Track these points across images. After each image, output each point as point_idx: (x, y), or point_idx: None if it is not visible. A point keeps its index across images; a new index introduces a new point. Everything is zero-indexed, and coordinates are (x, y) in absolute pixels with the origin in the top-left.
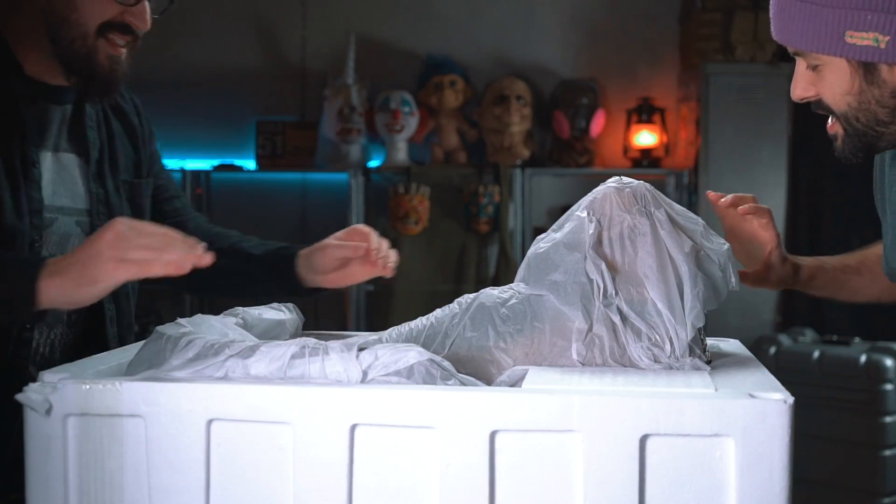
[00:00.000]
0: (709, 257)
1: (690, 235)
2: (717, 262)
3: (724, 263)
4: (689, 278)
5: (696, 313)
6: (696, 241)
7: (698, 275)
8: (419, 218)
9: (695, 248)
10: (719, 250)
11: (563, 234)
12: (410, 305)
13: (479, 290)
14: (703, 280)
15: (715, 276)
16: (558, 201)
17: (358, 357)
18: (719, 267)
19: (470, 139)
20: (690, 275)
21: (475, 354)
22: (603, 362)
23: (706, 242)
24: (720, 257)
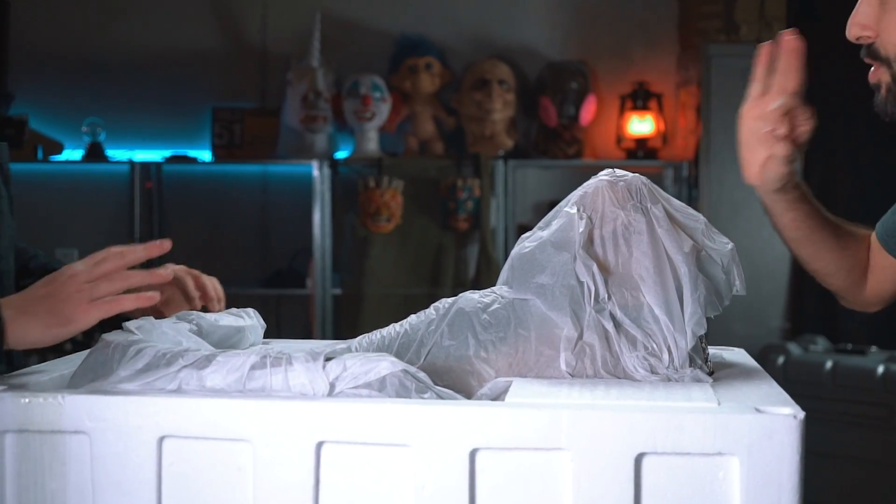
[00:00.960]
0: (711, 258)
1: (691, 234)
2: (720, 264)
3: (727, 265)
4: (689, 281)
5: (696, 319)
6: (696, 240)
7: (699, 277)
8: (391, 214)
9: (695, 248)
10: (722, 250)
11: (550, 233)
12: (382, 311)
13: (457, 294)
14: (704, 283)
15: (717, 279)
16: (545, 196)
17: (324, 368)
18: (722, 269)
19: (447, 128)
20: (691, 277)
21: (453, 365)
22: (594, 373)
23: (708, 242)
24: (723, 258)
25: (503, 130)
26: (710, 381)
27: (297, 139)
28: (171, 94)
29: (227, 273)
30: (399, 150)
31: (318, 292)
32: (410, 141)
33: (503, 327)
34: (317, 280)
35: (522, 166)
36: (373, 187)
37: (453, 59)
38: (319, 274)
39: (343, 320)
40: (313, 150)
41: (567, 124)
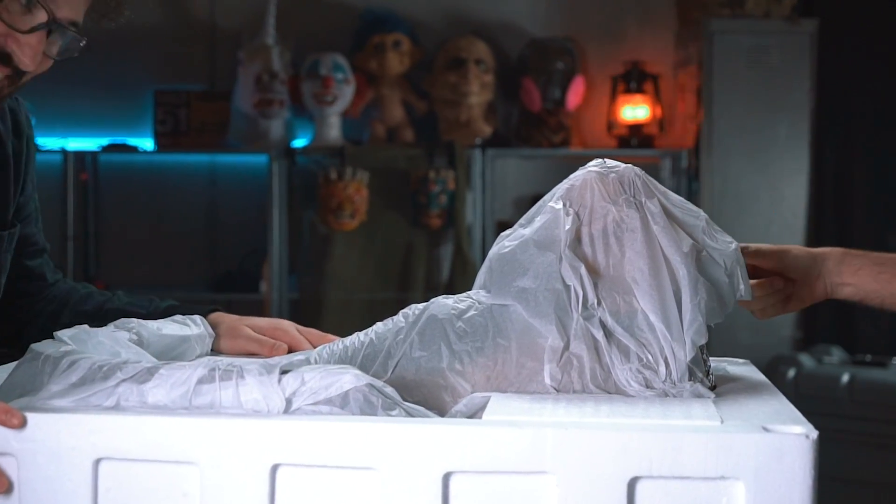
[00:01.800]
0: (713, 259)
1: (690, 232)
2: (723, 265)
3: (731, 267)
4: (688, 284)
5: (696, 328)
6: (696, 238)
7: (700, 280)
8: (356, 210)
9: (695, 248)
10: (725, 251)
11: (532, 231)
12: (345, 318)
13: (429, 299)
14: (705, 287)
15: (720, 283)
16: (527, 190)
17: (280, 382)
18: (725, 271)
19: (418, 113)
20: (690, 280)
21: (425, 378)
22: (582, 388)
23: (709, 241)
24: (726, 259)
25: (480, 116)
26: (712, 396)
27: (249, 126)
28: (108, 75)
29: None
30: (364, 138)
31: (272, 297)
32: (377, 128)
33: (480, 336)
34: (271, 283)
35: (502, 156)
36: (334, 180)
37: (425, 36)
38: (275, 276)
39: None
40: (268, 137)
41: (552, 109)
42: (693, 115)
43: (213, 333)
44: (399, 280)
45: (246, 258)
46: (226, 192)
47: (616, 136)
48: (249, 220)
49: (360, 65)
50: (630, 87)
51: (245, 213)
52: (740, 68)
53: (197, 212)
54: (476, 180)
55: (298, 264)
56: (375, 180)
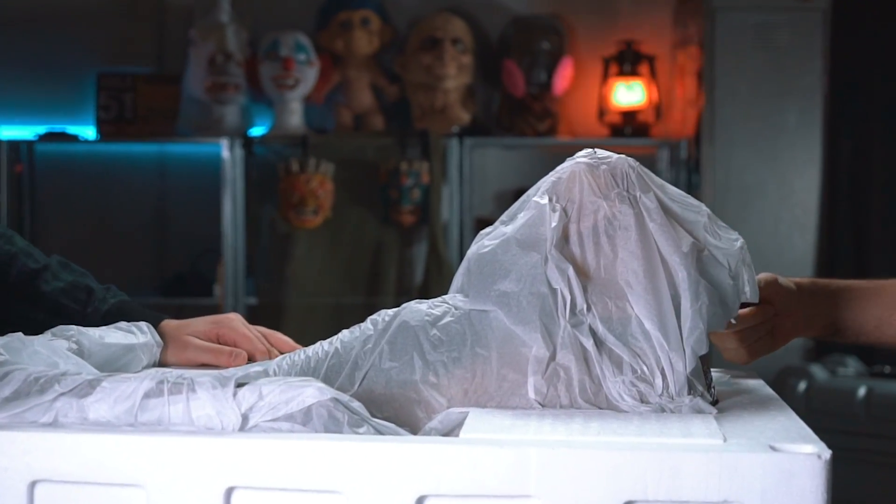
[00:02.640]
0: (715, 259)
1: (690, 229)
2: (727, 266)
3: (735, 267)
4: (688, 288)
5: (697, 336)
6: (697, 236)
7: (701, 283)
8: (319, 205)
9: (696, 247)
10: (730, 249)
11: (515, 228)
12: (308, 325)
13: (401, 304)
14: (707, 290)
15: (723, 285)
16: (510, 183)
17: (235, 396)
18: (730, 272)
19: (389, 98)
20: (690, 283)
21: (396, 392)
22: (570, 402)
23: (712, 238)
24: (731, 258)
25: (458, 102)
26: (714, 412)
27: (201, 112)
28: (45, 56)
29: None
30: (329, 126)
31: (228, 302)
32: (343, 114)
33: (457, 346)
34: (226, 287)
35: (482, 146)
36: (296, 172)
37: (396, 13)
38: (230, 280)
39: None
40: (222, 125)
41: (537, 94)
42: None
43: (161, 342)
44: (367, 283)
45: (198, 259)
46: (176, 185)
47: (608, 123)
48: (202, 216)
49: (324, 45)
50: (623, 69)
51: (197, 210)
52: (746, 48)
53: (144, 208)
54: (453, 173)
55: (256, 266)
56: (341, 173)
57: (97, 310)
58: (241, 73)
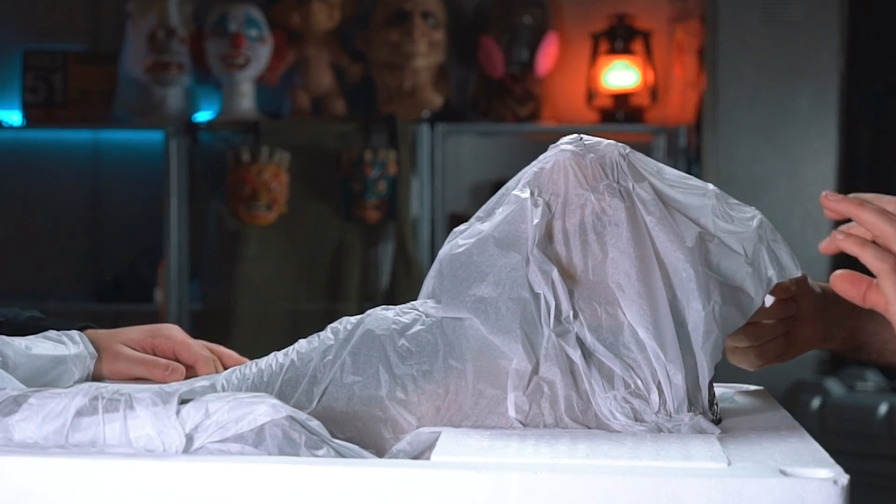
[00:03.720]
0: (728, 248)
1: (696, 216)
2: (742, 252)
3: (753, 252)
4: (696, 287)
5: (714, 341)
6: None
7: (712, 280)
8: (273, 200)
9: (703, 238)
10: (744, 233)
11: (493, 226)
12: (260, 333)
13: (365, 311)
14: (720, 287)
15: (740, 276)
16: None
17: (179, 414)
18: (746, 259)
19: (351, 79)
20: (699, 282)
21: (359, 409)
22: (555, 421)
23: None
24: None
25: (429, 83)
26: (718, 431)
27: (141, 95)
28: None
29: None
30: (284, 111)
31: (170, 308)
32: (300, 97)
33: (428, 357)
34: (169, 291)
35: (456, 133)
36: (247, 162)
37: None
38: (172, 283)
39: None
40: (164, 109)
41: (518, 75)
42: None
43: (95, 353)
44: (327, 287)
45: (137, 260)
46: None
47: (597, 108)
48: (141, 212)
49: (278, 19)
50: (615, 46)
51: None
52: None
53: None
54: (423, 163)
55: (202, 267)
56: (298, 163)
57: (17, 317)
58: (184, 50)
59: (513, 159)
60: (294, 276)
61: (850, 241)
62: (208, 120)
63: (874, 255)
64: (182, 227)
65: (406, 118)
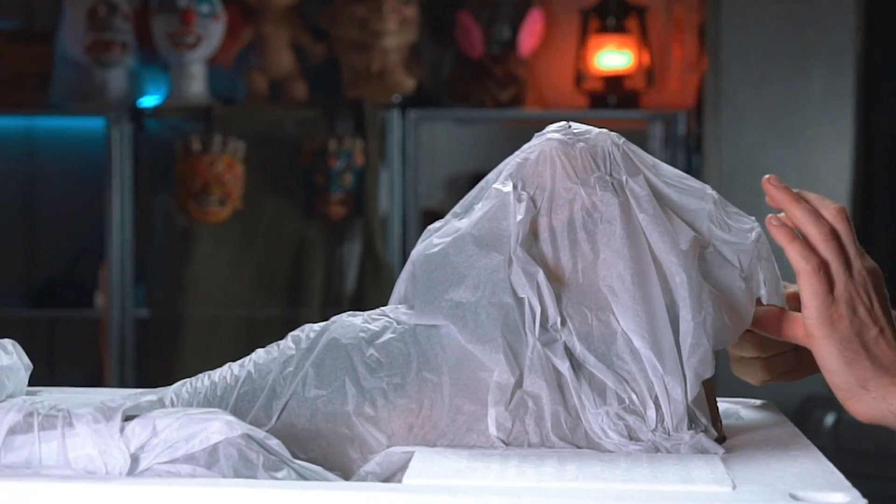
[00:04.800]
0: (723, 257)
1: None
2: (738, 265)
3: (748, 266)
4: (688, 296)
5: (701, 355)
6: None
7: (705, 289)
8: (227, 194)
9: (698, 243)
10: (742, 244)
11: (472, 223)
12: (213, 342)
13: (329, 318)
14: (712, 298)
15: (733, 289)
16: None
17: (123, 432)
18: (741, 272)
19: (314, 60)
20: (691, 289)
21: (323, 427)
22: (541, 440)
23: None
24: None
25: (400, 64)
26: (721, 451)
27: (80, 78)
28: None
29: None
30: (239, 95)
31: (112, 314)
32: (256, 80)
33: (400, 369)
34: (111, 296)
35: (430, 119)
36: (198, 152)
37: None
38: (115, 286)
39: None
40: (106, 94)
41: (499, 55)
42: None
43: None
44: (287, 291)
45: (76, 261)
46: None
47: (587, 91)
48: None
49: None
50: (607, 24)
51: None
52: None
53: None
54: (393, 153)
55: (148, 270)
56: (254, 153)
57: None
58: (128, 28)
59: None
60: (250, 278)
61: (781, 231)
62: (155, 105)
63: (800, 252)
64: (125, 224)
65: (374, 103)
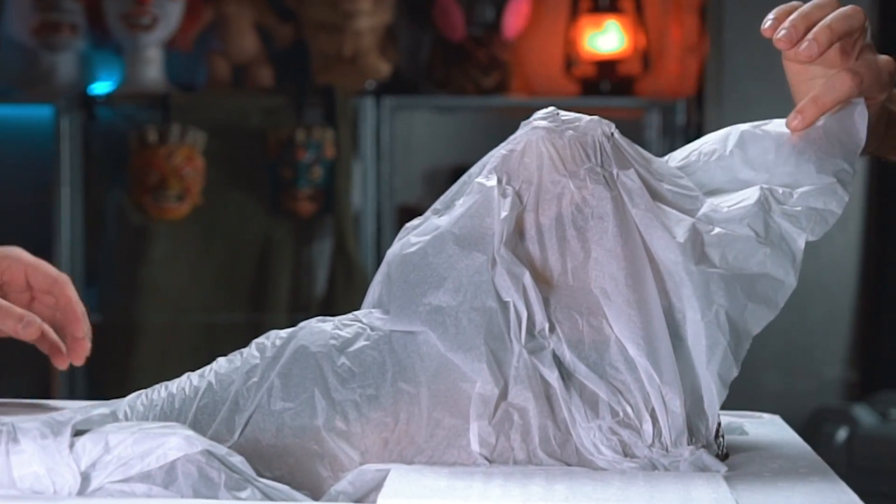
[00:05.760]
0: (730, 233)
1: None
2: (752, 233)
3: (765, 228)
4: (693, 292)
5: (721, 356)
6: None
7: (712, 278)
8: (186, 189)
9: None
10: (746, 211)
11: (452, 220)
12: (170, 350)
13: (297, 323)
14: (723, 285)
15: (754, 263)
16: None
17: (73, 448)
18: (759, 238)
19: (280, 43)
20: (694, 285)
21: (290, 443)
22: (527, 457)
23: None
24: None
25: (374, 48)
26: (724, 469)
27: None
28: None
29: None
30: (199, 82)
31: None
32: (218, 65)
33: (374, 380)
34: None
35: (407, 107)
36: (154, 143)
37: None
38: None
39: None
40: (54, 80)
41: (482, 38)
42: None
43: None
44: (251, 294)
45: None
46: None
47: (578, 77)
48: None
49: None
50: (599, 3)
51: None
52: None
53: None
54: (367, 144)
55: (100, 270)
56: (216, 144)
57: None
58: (78, 8)
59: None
60: (211, 280)
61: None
62: (107, 92)
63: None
64: (76, 222)
65: (346, 90)
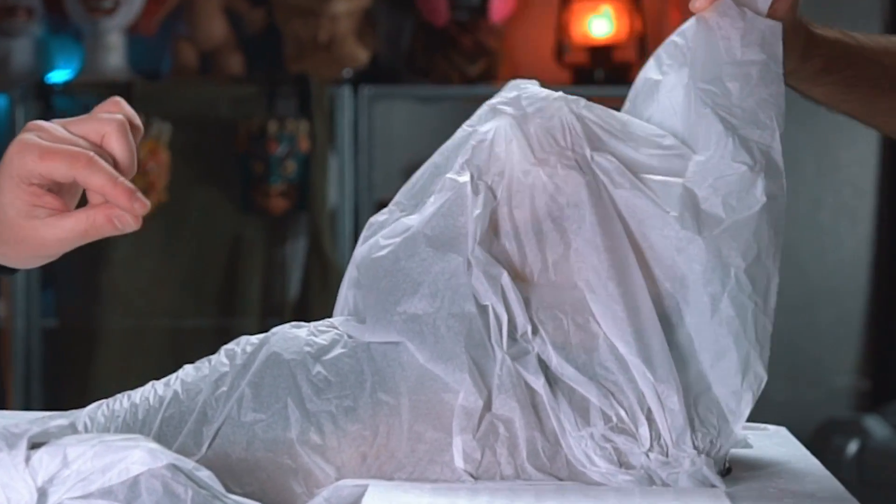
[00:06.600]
0: (723, 183)
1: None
2: (754, 158)
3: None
4: (701, 267)
5: (756, 327)
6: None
7: (723, 243)
8: (149, 185)
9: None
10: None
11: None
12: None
13: (269, 329)
14: (732, 252)
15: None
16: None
17: (29, 461)
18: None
19: (251, 28)
20: (708, 256)
21: (262, 456)
22: (515, 471)
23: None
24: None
25: (351, 33)
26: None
27: None
28: None
29: None
30: (164, 69)
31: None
32: (184, 52)
33: (351, 390)
34: (14, 303)
35: (387, 97)
36: None
37: None
38: (20, 292)
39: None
40: (8, 67)
41: (467, 23)
42: None
43: None
44: (220, 297)
45: None
46: None
47: (570, 64)
48: None
49: None
50: None
51: None
52: None
53: None
54: (344, 136)
55: (57, 272)
56: (182, 137)
57: None
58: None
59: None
60: (177, 283)
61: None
62: (66, 81)
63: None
64: None
65: (322, 79)
